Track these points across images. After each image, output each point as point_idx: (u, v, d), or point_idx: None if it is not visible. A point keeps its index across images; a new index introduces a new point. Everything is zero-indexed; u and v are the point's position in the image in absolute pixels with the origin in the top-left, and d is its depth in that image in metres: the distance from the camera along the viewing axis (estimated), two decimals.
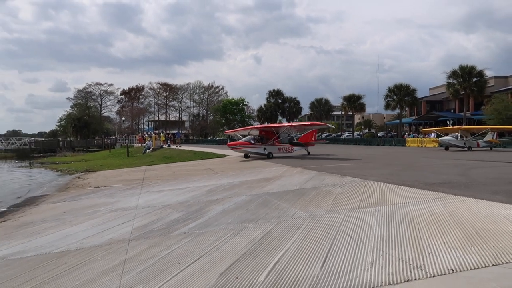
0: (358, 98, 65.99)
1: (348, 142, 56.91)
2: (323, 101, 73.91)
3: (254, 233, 6.26)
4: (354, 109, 66.80)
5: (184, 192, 11.86)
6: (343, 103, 67.57)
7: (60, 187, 18.79)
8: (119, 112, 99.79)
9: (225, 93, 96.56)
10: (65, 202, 12.92)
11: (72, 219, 9.55)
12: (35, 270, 5.58)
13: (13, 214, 11.75)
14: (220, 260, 5.08)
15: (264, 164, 18.92)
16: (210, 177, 15.32)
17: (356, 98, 65.91)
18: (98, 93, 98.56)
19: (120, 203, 11.18)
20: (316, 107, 73.31)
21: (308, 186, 10.64)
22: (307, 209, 7.70)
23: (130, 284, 4.56)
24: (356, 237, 5.57)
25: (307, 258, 4.88)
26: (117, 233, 7.32)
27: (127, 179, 17.92)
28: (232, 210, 8.31)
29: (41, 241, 7.44)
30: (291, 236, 5.92)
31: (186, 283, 4.41)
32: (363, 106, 67.31)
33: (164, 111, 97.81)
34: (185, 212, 8.63)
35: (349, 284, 4.08)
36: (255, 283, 4.25)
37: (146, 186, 14.57)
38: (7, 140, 69.91)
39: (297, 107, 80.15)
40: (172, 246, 5.97)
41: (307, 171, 14.06)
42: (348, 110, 67.81)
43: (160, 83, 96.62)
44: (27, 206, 13.22)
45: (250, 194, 10.10)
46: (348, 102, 66.36)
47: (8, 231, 9.13)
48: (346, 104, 66.94)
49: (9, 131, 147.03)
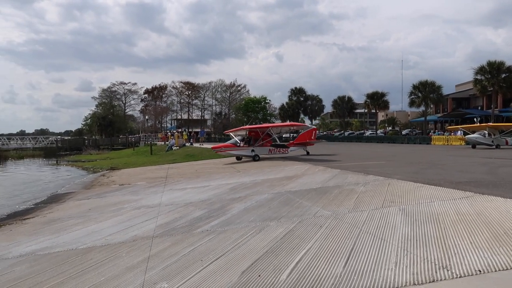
0: (381, 96, 64.96)
1: (371, 140, 56.12)
2: (346, 98, 73.08)
3: (276, 231, 6.25)
4: (377, 107, 65.78)
5: (206, 190, 11.94)
6: (366, 100, 66.65)
7: (85, 184, 19.20)
8: (143, 110, 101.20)
9: (247, 91, 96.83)
10: (90, 199, 13.19)
11: (97, 216, 9.74)
12: (62, 266, 5.71)
13: (41, 211, 12.07)
14: (242, 258, 5.09)
15: (286, 162, 18.87)
16: (232, 175, 15.37)
17: (380, 95, 64.90)
18: (122, 92, 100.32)
19: (143, 200, 11.34)
20: (339, 104, 72.57)
21: (331, 184, 10.56)
22: (330, 208, 7.64)
23: (153, 280, 4.62)
24: (380, 236, 5.50)
25: (330, 257, 4.84)
26: (141, 230, 7.43)
27: (150, 177, 18.17)
28: (254, 208, 8.32)
29: (68, 237, 7.61)
30: (313, 234, 5.88)
31: (208, 280, 4.43)
32: (387, 103, 66.23)
33: (186, 109, 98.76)
34: (208, 210, 8.69)
35: (372, 284, 4.03)
36: (277, 281, 4.25)
37: (169, 184, 14.73)
38: (35, 139, 71.84)
39: (320, 105, 79.61)
40: (194, 243, 6.02)
41: (330, 169, 13.95)
42: (372, 107, 66.84)
43: (183, 81, 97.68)
44: (54, 203, 13.56)
45: (272, 192, 10.10)
46: (372, 99, 65.42)
47: (36, 227, 9.38)
48: (369, 102, 65.99)
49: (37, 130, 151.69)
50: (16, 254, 6.80)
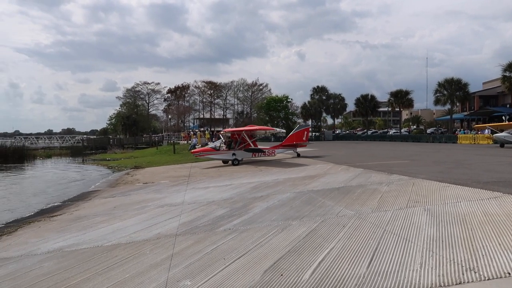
0: (405, 94, 63.78)
1: (395, 139, 55.24)
2: (369, 97, 72.00)
3: (298, 230, 6.23)
4: (401, 105, 64.63)
5: (228, 189, 11.99)
6: (390, 99, 65.55)
7: (110, 182, 19.55)
8: (166, 110, 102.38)
9: (268, 90, 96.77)
10: (115, 197, 13.42)
11: (122, 213, 9.90)
12: (89, 262, 5.83)
13: (68, 208, 12.35)
14: (265, 257, 5.09)
15: (308, 161, 18.79)
16: (254, 174, 15.39)
17: (404, 93, 63.73)
18: (146, 92, 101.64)
19: (167, 199, 11.46)
20: (362, 103, 71.57)
21: (354, 184, 10.45)
22: (353, 207, 7.56)
23: (177, 278, 4.66)
24: (404, 237, 5.41)
25: (353, 257, 4.80)
26: (165, 228, 7.52)
27: (173, 176, 18.35)
28: (276, 207, 8.31)
29: (94, 235, 7.77)
30: (336, 234, 5.84)
31: (231, 278, 4.45)
32: (411, 101, 64.97)
33: (209, 109, 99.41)
34: (230, 208, 8.73)
35: (396, 285, 3.97)
36: (300, 281, 4.23)
37: (192, 182, 14.86)
38: (62, 138, 73.73)
39: (342, 103, 78.70)
40: (217, 242, 6.05)
41: (353, 168, 13.82)
42: (395, 106, 65.71)
43: (205, 81, 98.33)
44: (81, 201, 13.85)
45: (294, 192, 10.06)
46: (395, 98, 64.30)
47: (64, 224, 9.60)
48: (393, 100, 64.88)
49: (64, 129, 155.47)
50: (45, 250, 6.98)
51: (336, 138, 69.04)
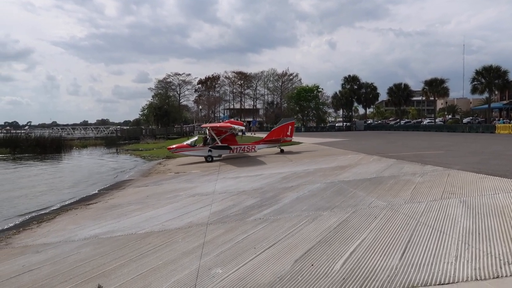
0: (441, 82, 61.82)
1: (429, 129, 53.83)
2: (402, 86, 70.27)
3: (329, 221, 6.19)
4: (436, 94, 62.74)
5: (259, 178, 12.03)
6: (424, 87, 63.75)
7: (143, 172, 19.97)
8: (197, 101, 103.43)
9: (299, 80, 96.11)
10: (148, 187, 13.71)
11: (155, 202, 10.12)
12: (123, 249, 6.00)
13: (103, 197, 12.72)
14: (295, 246, 5.09)
15: (339, 151, 18.58)
16: (284, 164, 15.37)
17: (439, 82, 61.79)
18: (177, 83, 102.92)
19: (198, 188, 11.62)
20: (395, 92, 69.95)
21: (386, 174, 10.27)
22: (385, 198, 7.44)
23: (208, 266, 4.73)
24: (439, 229, 5.28)
25: (385, 249, 4.73)
26: (196, 217, 7.63)
27: (204, 166, 18.56)
28: (307, 198, 8.28)
29: (128, 222, 7.98)
30: (367, 225, 5.77)
31: (262, 267, 4.48)
32: (447, 90, 62.96)
33: (239, 99, 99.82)
34: (260, 198, 8.76)
35: (430, 277, 3.89)
36: (330, 271, 4.21)
37: (222, 172, 14.99)
38: (97, 129, 76.03)
39: (374, 93, 77.15)
40: (247, 231, 6.10)
41: (385, 159, 13.57)
42: (430, 95, 63.85)
43: (235, 71, 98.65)
44: (115, 190, 14.24)
45: (325, 182, 9.99)
46: (430, 86, 62.44)
47: (99, 212, 9.91)
48: (427, 89, 63.05)
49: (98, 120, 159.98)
50: (82, 237, 7.24)
51: (368, 128, 67.92)
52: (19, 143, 44.04)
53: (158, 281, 4.45)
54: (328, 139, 30.78)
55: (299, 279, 4.10)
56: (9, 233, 8.58)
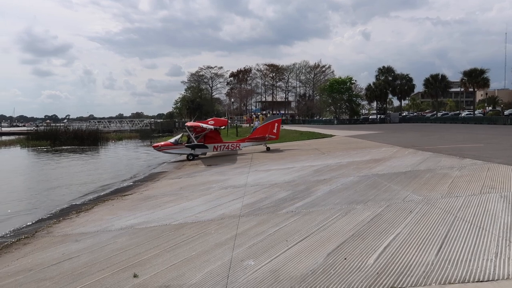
0: (481, 73, 59.45)
1: (467, 121, 51.96)
2: (439, 77, 68.04)
3: (362, 214, 6.10)
4: (475, 85, 60.42)
5: (290, 171, 11.99)
6: (462, 78, 61.52)
7: (176, 164, 20.29)
8: (228, 93, 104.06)
9: (331, 72, 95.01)
10: (181, 179, 13.93)
11: (188, 194, 10.27)
12: (158, 239, 6.13)
13: (138, 188, 13.03)
14: (328, 240, 5.05)
15: (373, 144, 18.26)
16: (316, 157, 15.25)
17: (479, 72, 59.44)
18: (209, 76, 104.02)
19: (230, 181, 11.71)
20: (431, 83, 67.85)
21: (422, 168, 10.01)
22: (420, 193, 7.26)
23: (241, 257, 4.77)
24: (477, 225, 5.11)
25: (421, 244, 4.62)
26: (228, 209, 7.70)
27: (236, 158, 18.68)
28: (340, 191, 8.18)
29: (162, 213, 8.14)
30: (402, 219, 5.64)
31: (294, 260, 4.47)
32: (487, 81, 60.48)
33: (270, 91, 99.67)
34: (292, 191, 8.73)
35: (468, 274, 3.77)
36: (364, 265, 4.15)
37: (254, 165, 15.03)
38: (132, 122, 77.97)
39: (410, 84, 75.08)
40: (279, 224, 6.09)
41: (421, 152, 13.23)
42: (469, 86, 61.56)
43: (267, 64, 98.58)
44: (149, 181, 14.55)
45: (358, 175, 9.84)
46: (469, 77, 60.18)
47: (134, 203, 10.15)
48: (466, 80, 60.80)
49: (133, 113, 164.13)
50: (118, 227, 7.44)
51: (403, 120, 66.28)
52: (58, 136, 45.74)
53: (192, 272, 4.52)
54: (361, 132, 30.29)
55: (331, 272, 4.07)
56: (50, 222, 8.94)
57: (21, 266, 5.71)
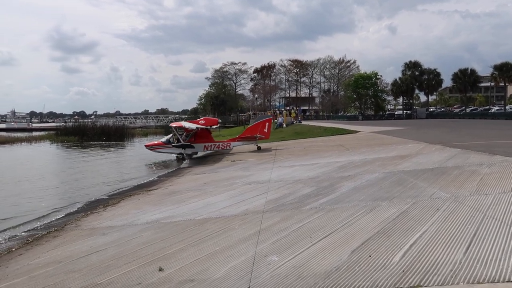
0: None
1: (498, 117, 50.40)
2: (468, 71, 66.26)
3: (388, 211, 6.01)
4: (506, 79, 58.55)
5: (314, 167, 11.92)
6: (493, 73, 59.73)
7: (201, 160, 20.50)
8: (252, 89, 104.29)
9: (356, 67, 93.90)
10: (205, 174, 14.05)
11: (212, 189, 10.35)
12: (182, 234, 6.21)
13: (163, 183, 13.23)
14: (352, 237, 5.00)
15: (398, 140, 17.96)
16: (341, 153, 15.12)
17: (510, 66, 57.56)
18: (233, 72, 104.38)
19: (254, 176, 11.74)
20: (460, 78, 66.14)
21: (449, 164, 9.78)
22: (448, 190, 7.09)
23: (264, 253, 4.78)
24: (508, 223, 4.95)
25: (448, 242, 4.51)
26: (252, 204, 7.72)
27: (260, 154, 18.72)
28: (364, 187, 8.09)
29: (186, 208, 8.23)
30: (429, 217, 5.53)
31: (318, 257, 4.45)
32: None
33: (294, 87, 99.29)
34: (316, 187, 8.68)
35: (498, 274, 3.66)
36: (389, 263, 4.09)
37: (278, 161, 15.02)
38: (157, 118, 79.22)
39: (437, 79, 73.40)
40: (303, 220, 6.07)
41: (448, 148, 12.92)
42: (499, 80, 59.76)
43: (291, 59, 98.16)
44: (174, 177, 14.74)
45: (383, 172, 9.70)
46: (500, 71, 58.37)
47: (159, 198, 10.31)
48: (497, 74, 59.02)
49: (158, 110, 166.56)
50: (144, 221, 7.57)
51: (430, 116, 64.90)
52: (86, 132, 46.94)
53: (216, 266, 4.56)
54: (386, 128, 29.81)
55: (356, 269, 4.02)
56: (78, 216, 9.18)
57: (51, 258, 5.89)
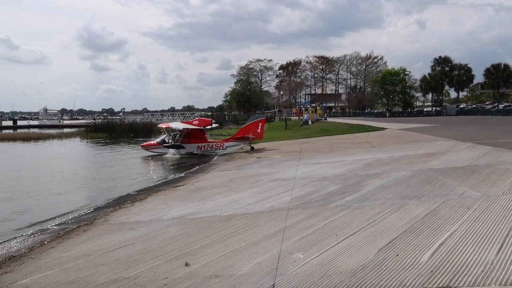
0: None
1: None
2: (502, 66, 64.12)
3: (416, 210, 5.90)
4: None
5: (340, 165, 11.80)
6: None
7: (226, 157, 20.59)
8: (278, 86, 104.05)
9: (384, 63, 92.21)
10: (231, 171, 14.13)
11: (237, 186, 10.39)
12: (208, 230, 6.26)
13: (189, 179, 13.36)
14: (379, 235, 4.93)
15: (427, 138, 17.57)
16: (367, 151, 14.91)
17: None
18: (259, 69, 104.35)
19: (279, 173, 11.72)
20: (492, 74, 64.09)
21: (481, 163, 9.50)
22: (479, 189, 6.89)
23: (289, 250, 4.77)
24: None
25: (479, 242, 4.39)
26: (277, 201, 7.71)
27: (285, 151, 18.65)
28: (392, 185, 7.95)
29: (212, 205, 8.30)
30: (459, 216, 5.39)
31: (344, 255, 4.41)
32: None
33: (320, 84, 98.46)
34: (342, 185, 8.60)
35: None
36: (417, 262, 4.01)
37: (303, 158, 14.94)
38: (183, 115, 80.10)
39: (468, 75, 71.35)
40: (329, 217, 6.02)
41: (480, 146, 12.55)
42: None
43: (317, 56, 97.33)
44: (200, 173, 14.88)
45: (411, 170, 9.51)
46: None
47: (186, 194, 10.42)
48: None
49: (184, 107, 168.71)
50: (170, 217, 7.68)
51: (460, 113, 63.17)
52: (114, 128, 47.94)
53: (241, 262, 4.58)
54: (415, 125, 29.22)
55: (383, 268, 3.97)
56: (107, 210, 9.38)
57: (81, 252, 6.04)
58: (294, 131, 35.57)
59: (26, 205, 11.52)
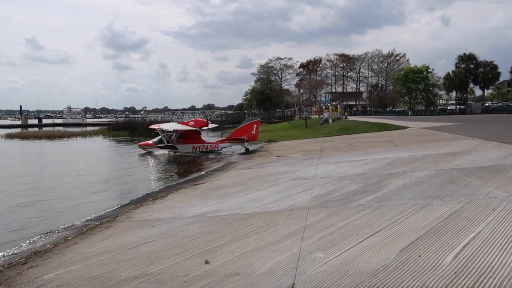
0: None
1: None
2: None
3: (439, 210, 5.79)
4: None
5: (361, 164, 11.68)
6: None
7: (246, 155, 20.64)
8: (298, 84, 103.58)
9: (406, 60, 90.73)
10: (250, 169, 14.15)
11: (257, 185, 10.41)
12: (228, 228, 6.29)
13: (210, 177, 13.45)
14: (401, 236, 4.86)
15: (451, 137, 17.20)
16: (389, 150, 14.71)
17: None
18: (279, 68, 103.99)
19: (299, 172, 11.67)
20: None
21: (507, 162, 9.26)
22: (506, 189, 6.71)
23: (309, 249, 4.74)
24: None
25: (505, 244, 4.28)
26: (297, 200, 7.68)
27: (305, 150, 18.57)
28: (414, 185, 7.83)
29: (232, 203, 8.33)
30: (484, 217, 5.26)
31: (364, 255, 4.36)
32: None
33: (341, 82, 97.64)
34: (363, 184, 8.51)
35: None
36: (440, 263, 3.94)
37: (324, 157, 14.84)
38: (203, 113, 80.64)
39: (494, 72, 69.62)
40: (349, 217, 5.97)
41: (506, 145, 12.22)
42: None
43: (337, 54, 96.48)
44: (220, 171, 14.96)
45: (434, 169, 9.34)
46: None
47: (206, 192, 10.50)
48: None
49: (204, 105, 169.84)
50: (190, 214, 7.74)
51: (486, 111, 61.63)
52: (136, 127, 48.61)
53: (261, 261, 4.58)
54: (438, 123, 28.66)
55: (404, 269, 3.91)
56: (129, 208, 9.53)
57: (104, 248, 6.16)
58: (314, 130, 35.34)
59: (55, 206, 11.68)
